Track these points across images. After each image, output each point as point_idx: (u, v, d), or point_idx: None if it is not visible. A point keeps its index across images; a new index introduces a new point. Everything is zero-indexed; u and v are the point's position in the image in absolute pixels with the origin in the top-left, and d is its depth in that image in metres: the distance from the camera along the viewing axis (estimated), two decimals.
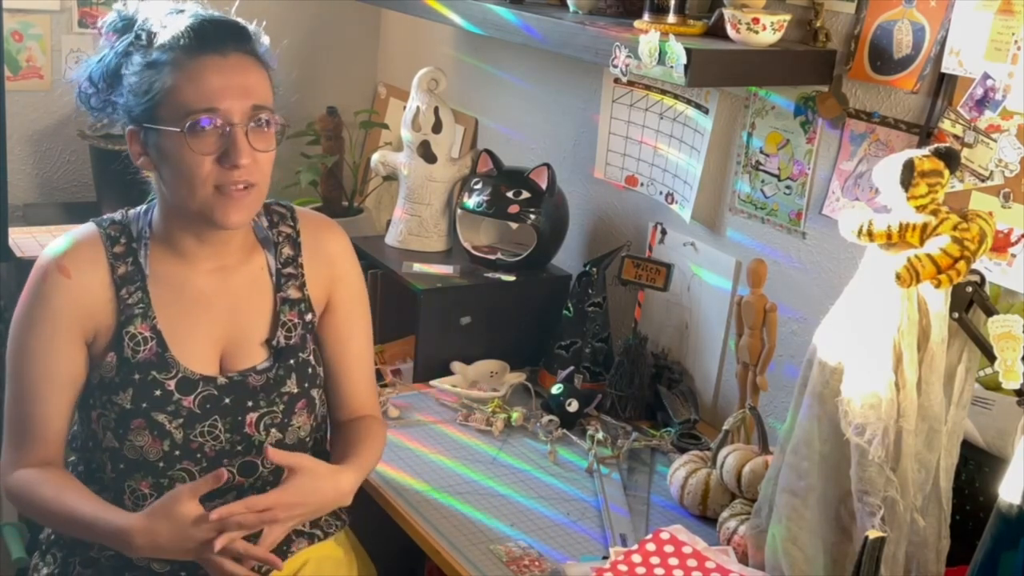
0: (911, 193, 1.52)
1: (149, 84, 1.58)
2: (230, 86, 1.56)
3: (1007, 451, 1.62)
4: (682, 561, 1.69)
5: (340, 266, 1.81)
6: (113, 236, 1.67)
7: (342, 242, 1.83)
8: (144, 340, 1.64)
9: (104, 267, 1.65)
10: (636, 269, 2.31)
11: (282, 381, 1.71)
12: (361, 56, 3.41)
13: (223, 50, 1.58)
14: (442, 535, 1.85)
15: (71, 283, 1.63)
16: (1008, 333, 1.48)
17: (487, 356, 2.49)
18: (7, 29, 2.84)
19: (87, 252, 1.65)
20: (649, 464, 2.14)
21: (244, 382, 1.68)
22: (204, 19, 1.59)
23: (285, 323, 1.73)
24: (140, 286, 1.65)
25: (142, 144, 1.62)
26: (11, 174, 2.73)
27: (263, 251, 1.75)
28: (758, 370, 2.04)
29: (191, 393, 1.65)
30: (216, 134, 1.56)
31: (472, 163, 2.64)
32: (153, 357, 1.64)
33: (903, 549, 1.56)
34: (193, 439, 1.64)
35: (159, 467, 1.64)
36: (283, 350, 1.71)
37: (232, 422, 1.67)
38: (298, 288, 1.75)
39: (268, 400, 1.69)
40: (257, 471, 1.70)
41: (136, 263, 1.66)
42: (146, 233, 1.68)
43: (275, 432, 1.69)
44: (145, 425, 1.63)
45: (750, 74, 2.01)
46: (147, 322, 1.64)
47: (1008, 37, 1.75)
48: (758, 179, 2.22)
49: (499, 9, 2.25)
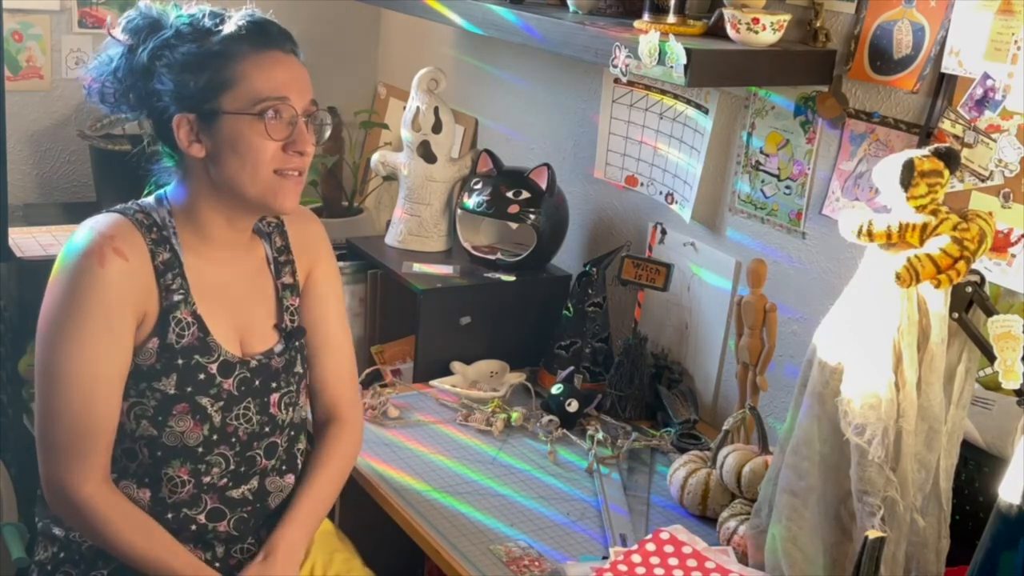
0: (911, 193, 1.52)
1: (214, 72, 1.62)
2: (296, 80, 1.67)
3: (1007, 451, 1.62)
4: (682, 561, 1.69)
5: (318, 248, 1.87)
6: (145, 224, 1.67)
7: (320, 228, 1.90)
8: (187, 325, 1.66)
9: (146, 252, 1.65)
10: (636, 269, 2.31)
11: (294, 362, 1.79)
12: (361, 56, 3.41)
13: (284, 47, 1.68)
14: (442, 535, 1.85)
15: (127, 265, 1.61)
16: (1008, 333, 1.48)
17: (487, 356, 2.49)
18: (7, 29, 2.84)
19: (132, 237, 1.65)
20: (649, 464, 2.14)
21: (269, 364, 1.75)
22: (263, 18, 1.69)
23: (288, 307, 1.79)
24: (179, 272, 1.67)
25: (194, 130, 1.64)
26: (11, 174, 2.73)
27: (260, 240, 1.80)
28: (758, 370, 2.04)
29: (230, 376, 1.70)
30: (287, 123, 1.64)
31: (472, 163, 2.64)
32: (196, 342, 1.67)
33: (903, 549, 1.56)
34: (229, 422, 1.69)
35: (198, 452, 1.68)
36: (291, 333, 1.79)
37: (261, 403, 1.73)
38: (291, 274, 1.81)
39: (287, 381, 1.77)
40: (276, 452, 1.77)
41: (172, 249, 1.68)
42: (171, 221, 1.69)
43: (292, 412, 1.78)
44: (188, 409, 1.66)
45: (750, 74, 2.01)
46: (188, 307, 1.67)
47: (1008, 37, 1.75)
48: (758, 179, 2.22)
49: (499, 9, 2.25)
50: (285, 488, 1.78)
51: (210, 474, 1.69)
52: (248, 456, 1.73)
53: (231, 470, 1.71)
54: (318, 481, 1.80)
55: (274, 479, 1.76)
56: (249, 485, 1.73)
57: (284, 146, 1.64)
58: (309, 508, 1.78)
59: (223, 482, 1.71)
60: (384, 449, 2.12)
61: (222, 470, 1.70)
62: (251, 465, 1.73)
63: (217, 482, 1.70)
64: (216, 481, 1.70)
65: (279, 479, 1.77)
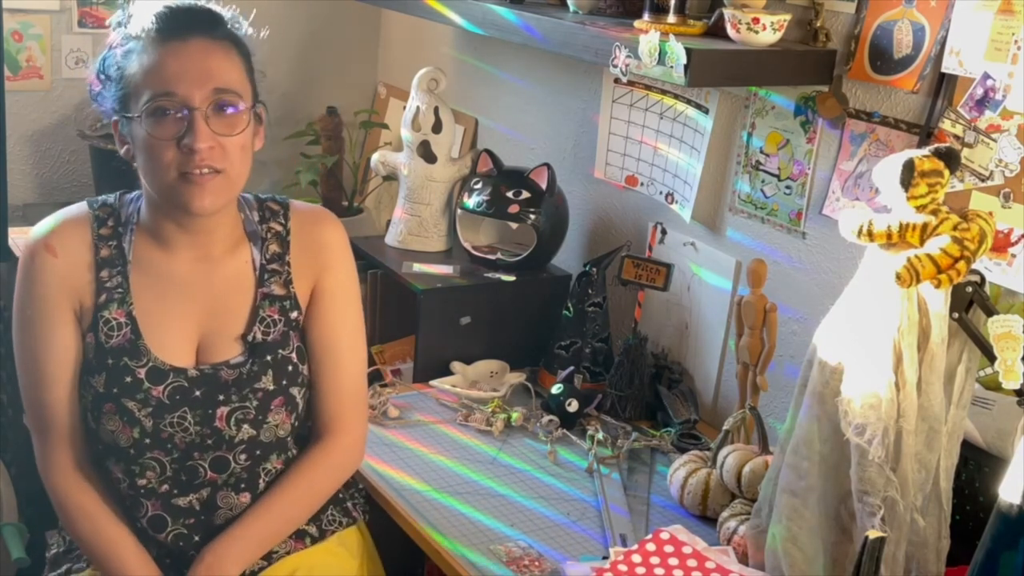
0: (911, 193, 1.52)
1: (120, 74, 1.60)
2: (188, 70, 1.56)
3: (1007, 451, 1.62)
4: (682, 561, 1.69)
5: (328, 255, 1.75)
6: (102, 218, 1.68)
7: (334, 234, 1.77)
8: (119, 326, 1.64)
9: (89, 248, 1.66)
10: (636, 269, 2.31)
11: (256, 377, 1.67)
12: (361, 56, 3.41)
13: (185, 36, 1.58)
14: (442, 535, 1.85)
15: (57, 262, 1.64)
16: (1008, 333, 1.48)
17: (487, 356, 2.49)
18: (7, 29, 2.84)
19: (73, 231, 1.66)
20: (649, 464, 2.14)
21: (216, 375, 1.66)
22: (168, 7, 1.61)
23: (264, 319, 1.69)
24: (120, 270, 1.65)
25: (120, 132, 1.64)
26: (11, 174, 2.73)
27: (249, 245, 1.72)
28: (758, 370, 2.04)
29: (161, 383, 1.63)
30: (175, 118, 1.55)
31: (472, 163, 2.64)
32: (126, 343, 1.63)
33: (903, 549, 1.56)
34: (163, 429, 1.63)
35: (130, 454, 1.65)
36: (259, 346, 1.68)
37: (202, 415, 1.64)
38: (283, 284, 1.71)
39: (240, 395, 1.66)
40: (229, 467, 1.67)
41: (119, 247, 1.66)
42: (134, 219, 1.68)
43: (248, 428, 1.66)
44: (116, 410, 1.63)
45: (750, 74, 2.01)
46: (124, 308, 1.64)
47: (1008, 37, 1.75)
48: (758, 179, 2.22)
49: (499, 9, 2.25)
50: (237, 507, 1.69)
51: (144, 476, 1.65)
52: (189, 466, 1.65)
53: (169, 476, 1.65)
54: (273, 498, 1.70)
55: (227, 494, 1.68)
56: (198, 495, 1.67)
57: (178, 144, 1.55)
58: (255, 525, 1.68)
59: (164, 488, 1.66)
60: (384, 449, 2.12)
61: (158, 475, 1.65)
62: (193, 475, 1.66)
63: (157, 487, 1.66)
64: (155, 486, 1.66)
65: (233, 495, 1.68)
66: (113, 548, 1.64)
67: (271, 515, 1.70)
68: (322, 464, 1.75)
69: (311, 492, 1.75)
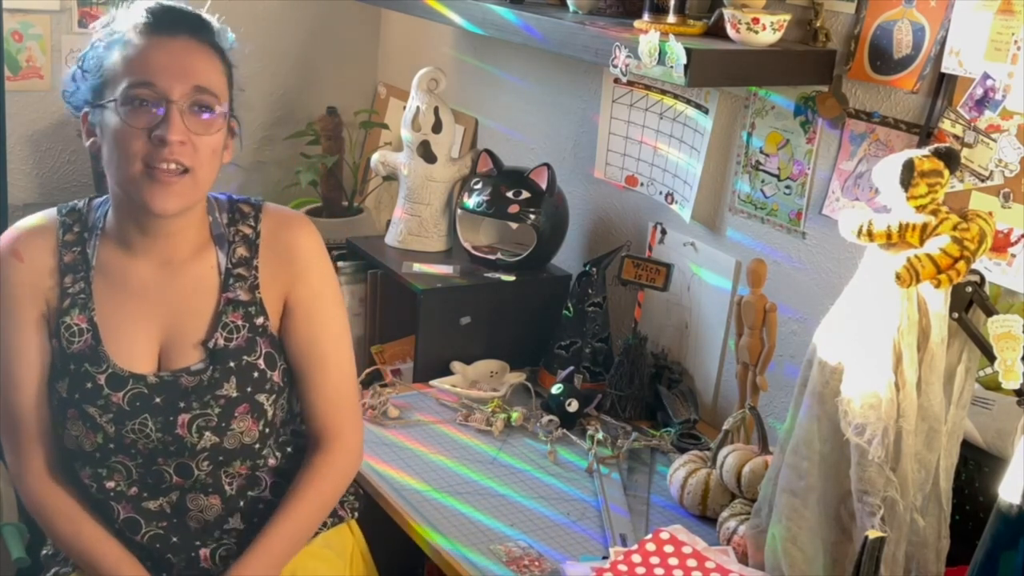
0: (911, 193, 1.52)
1: (100, 64, 1.60)
2: (171, 65, 1.55)
3: (1007, 451, 1.62)
4: (682, 561, 1.69)
5: (300, 264, 1.70)
6: (68, 223, 1.68)
7: (307, 239, 1.72)
8: (80, 332, 1.63)
9: (52, 253, 1.66)
10: (636, 269, 2.31)
11: (218, 384, 1.63)
12: (361, 56, 3.41)
13: (172, 32, 1.58)
14: (442, 535, 1.85)
15: (23, 267, 1.64)
16: (1008, 333, 1.48)
17: (487, 356, 2.49)
18: (7, 29, 2.84)
19: (38, 237, 1.67)
20: (649, 464, 2.14)
21: (176, 382, 1.63)
22: (160, 5, 1.61)
23: (227, 324, 1.65)
24: (83, 276, 1.65)
25: (88, 122, 1.64)
26: (11, 174, 2.73)
27: (215, 249, 1.69)
28: (758, 370, 2.04)
29: (120, 390, 1.62)
30: (150, 112, 1.54)
31: (472, 163, 2.64)
32: (87, 349, 1.63)
33: (903, 549, 1.56)
34: (125, 435, 1.62)
35: (96, 457, 1.64)
36: (220, 352, 1.64)
37: (163, 422, 1.62)
38: (248, 290, 1.68)
39: (202, 402, 1.63)
40: (193, 474, 1.65)
41: (83, 253, 1.66)
42: (99, 223, 1.67)
43: (210, 435, 1.63)
44: (78, 416, 1.62)
45: (750, 74, 2.01)
46: (85, 313, 1.63)
47: (1008, 37, 1.75)
48: (758, 179, 2.22)
49: (499, 9, 2.25)
50: (207, 509, 1.67)
51: (112, 479, 1.64)
52: (155, 470, 1.64)
53: (136, 480, 1.64)
54: (287, 513, 1.68)
55: (196, 497, 1.67)
56: (167, 498, 1.66)
57: (149, 135, 1.53)
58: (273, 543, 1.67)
59: (133, 491, 1.65)
60: (384, 449, 2.12)
61: (125, 478, 1.64)
62: (160, 479, 1.65)
63: (126, 490, 1.65)
64: (124, 489, 1.65)
65: (202, 498, 1.67)
66: (98, 547, 1.64)
67: (287, 530, 1.69)
68: (326, 471, 1.73)
69: (320, 500, 1.73)
